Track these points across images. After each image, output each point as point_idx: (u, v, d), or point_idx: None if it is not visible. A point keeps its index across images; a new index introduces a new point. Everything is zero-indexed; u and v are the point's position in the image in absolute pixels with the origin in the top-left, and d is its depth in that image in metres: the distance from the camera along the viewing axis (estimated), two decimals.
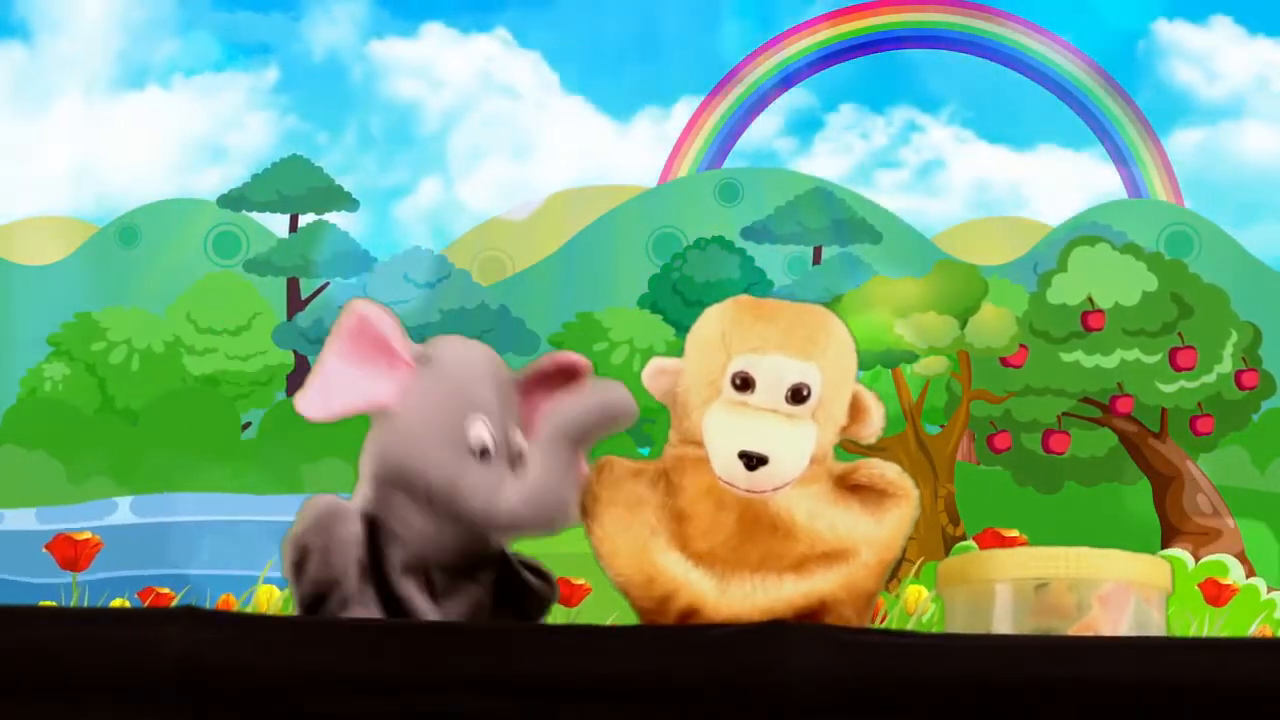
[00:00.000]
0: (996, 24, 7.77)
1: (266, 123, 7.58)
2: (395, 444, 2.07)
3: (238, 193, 7.68)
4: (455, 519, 2.04)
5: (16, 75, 7.44)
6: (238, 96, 7.53)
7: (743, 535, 2.05)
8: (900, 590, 6.59)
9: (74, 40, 7.39)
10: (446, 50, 7.65)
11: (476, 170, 7.67)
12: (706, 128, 7.80)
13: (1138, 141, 7.78)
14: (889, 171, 7.73)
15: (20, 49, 7.46)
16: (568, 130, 7.66)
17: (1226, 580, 6.52)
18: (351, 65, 7.57)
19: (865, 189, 7.70)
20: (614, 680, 1.88)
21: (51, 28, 7.47)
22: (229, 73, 7.53)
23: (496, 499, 2.01)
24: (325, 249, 7.68)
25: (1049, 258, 7.59)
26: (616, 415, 2.04)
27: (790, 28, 7.77)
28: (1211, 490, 7.43)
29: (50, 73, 7.44)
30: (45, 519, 7.10)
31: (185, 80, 7.55)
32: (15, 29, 7.50)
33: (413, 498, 2.06)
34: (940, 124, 7.73)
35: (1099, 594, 2.08)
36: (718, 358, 2.07)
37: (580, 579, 6.18)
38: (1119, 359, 7.49)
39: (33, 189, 7.55)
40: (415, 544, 2.06)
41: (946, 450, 7.49)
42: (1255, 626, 6.56)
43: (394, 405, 2.07)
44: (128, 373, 7.50)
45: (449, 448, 2.04)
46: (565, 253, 7.71)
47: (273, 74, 7.56)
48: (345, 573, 2.05)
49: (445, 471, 2.04)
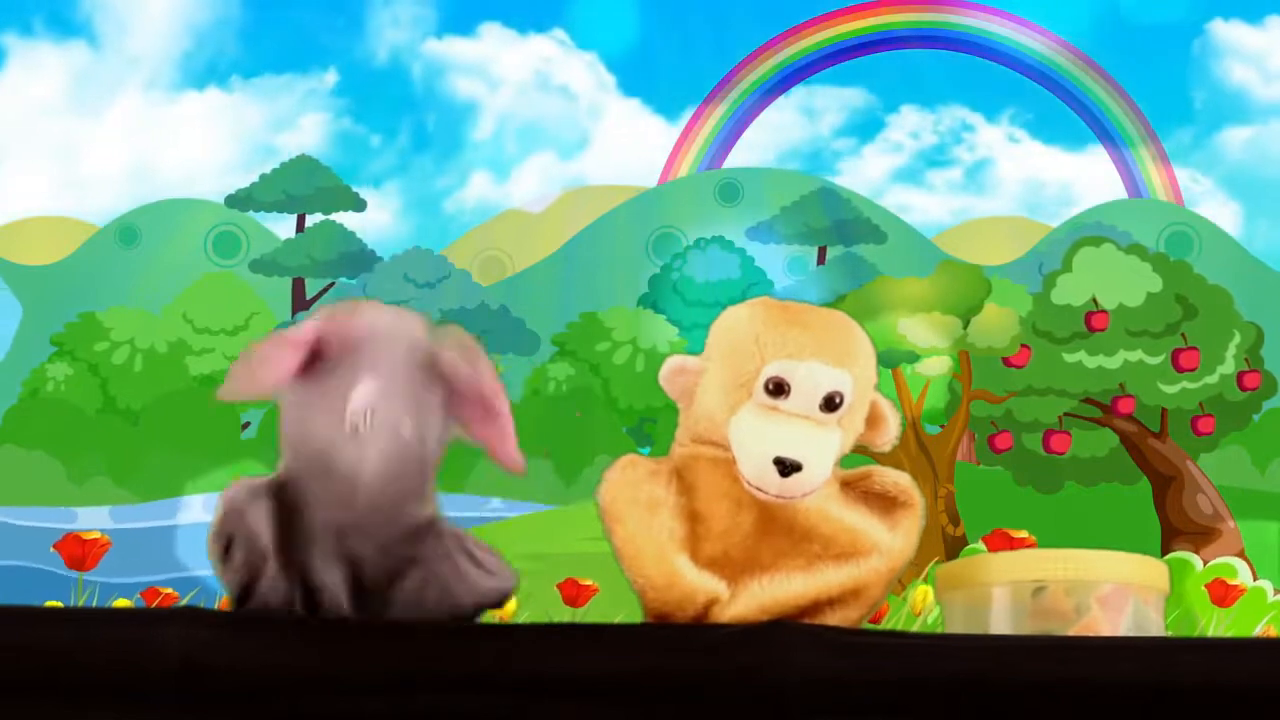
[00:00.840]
0: (997, 23, 7.76)
1: (320, 124, 7.62)
2: (292, 415, 2.10)
3: (245, 193, 7.67)
4: (336, 494, 2.05)
5: (78, 74, 7.49)
6: (294, 98, 7.58)
7: (758, 536, 2.05)
8: (906, 592, 6.60)
9: (137, 39, 7.44)
10: (504, 50, 7.69)
11: (529, 171, 7.72)
12: (706, 128, 7.80)
13: (1138, 141, 7.78)
14: (940, 170, 7.74)
15: (83, 48, 7.51)
16: (623, 132, 7.70)
17: (1234, 581, 6.51)
18: (409, 65, 7.61)
19: (916, 188, 7.71)
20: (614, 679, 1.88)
21: (116, 27, 7.52)
22: (288, 75, 7.59)
23: (360, 466, 2.02)
24: (332, 249, 7.68)
25: (1053, 258, 7.59)
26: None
27: (790, 28, 7.76)
28: (1212, 490, 7.42)
29: (111, 72, 7.49)
30: (119, 518, 7.11)
31: (244, 82, 7.59)
32: (78, 28, 7.54)
33: (308, 467, 2.07)
34: (993, 124, 7.74)
35: (1098, 596, 2.08)
36: (750, 361, 2.05)
37: (588, 579, 6.18)
38: (1122, 359, 7.49)
39: (88, 188, 7.61)
40: (325, 510, 2.08)
41: (946, 450, 7.48)
42: (1260, 628, 6.56)
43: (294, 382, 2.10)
44: (131, 373, 7.50)
45: (332, 418, 2.05)
46: (565, 253, 7.71)
47: (331, 77, 7.61)
48: (266, 554, 2.07)
49: (322, 442, 2.05)
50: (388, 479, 2.00)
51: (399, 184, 7.76)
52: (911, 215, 7.72)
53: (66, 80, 7.55)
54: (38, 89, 7.55)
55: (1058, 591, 2.06)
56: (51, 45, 7.56)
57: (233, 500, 2.07)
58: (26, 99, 7.55)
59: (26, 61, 7.52)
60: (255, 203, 7.66)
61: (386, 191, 7.77)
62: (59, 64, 7.55)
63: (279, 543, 2.03)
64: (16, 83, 7.54)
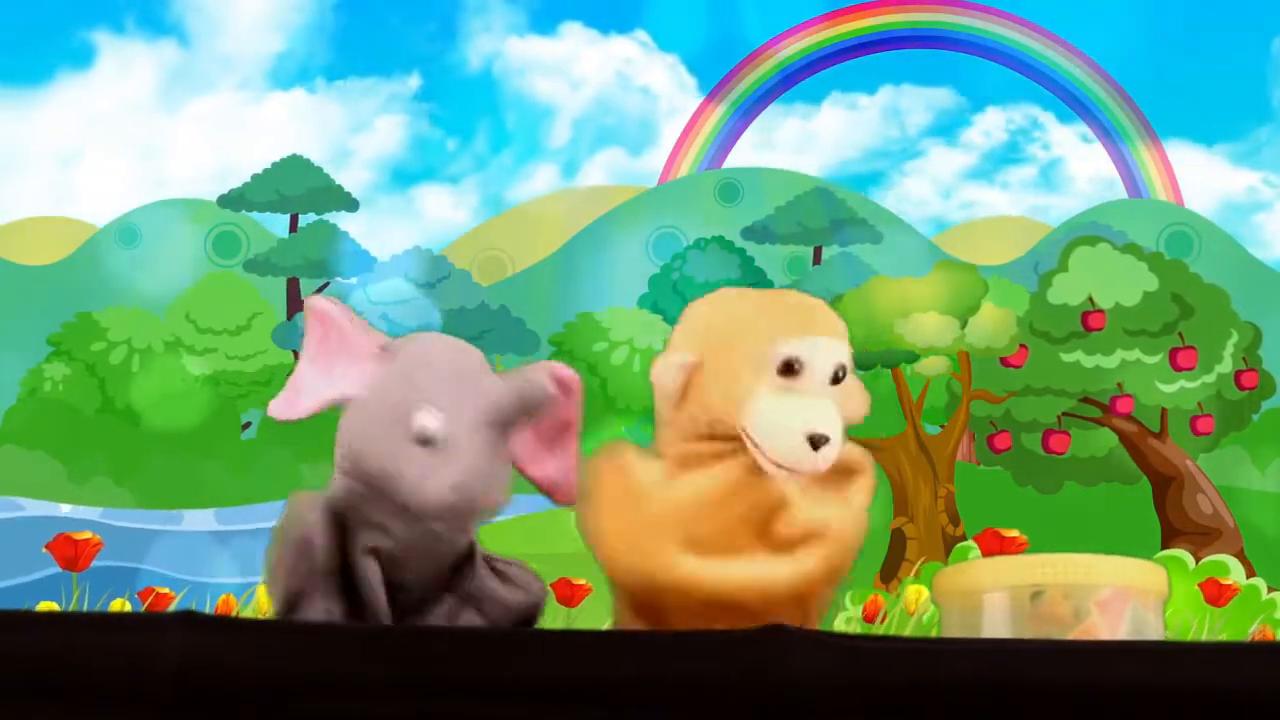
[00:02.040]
0: (997, 24, 7.77)
1: (398, 126, 7.67)
2: (350, 431, 2.10)
3: (238, 193, 7.68)
4: (402, 508, 2.05)
5: (168, 72, 7.54)
6: (375, 101, 7.64)
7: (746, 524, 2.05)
8: (900, 590, 6.60)
9: (228, 40, 7.49)
10: (585, 50, 7.73)
11: (607, 171, 7.76)
12: (706, 127, 7.80)
13: (1138, 141, 7.78)
14: (1014, 168, 7.76)
15: (174, 47, 7.57)
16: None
17: (1227, 580, 6.52)
18: (491, 66, 7.66)
19: (988, 185, 7.73)
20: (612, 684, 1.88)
21: (207, 26, 7.57)
22: (372, 79, 7.64)
23: (426, 484, 2.01)
24: (326, 249, 7.69)
25: (1050, 258, 7.59)
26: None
27: (790, 27, 7.77)
28: (1211, 490, 7.43)
29: (201, 71, 7.54)
30: (224, 519, 7.13)
31: (327, 84, 7.64)
32: (170, 27, 7.59)
33: (367, 486, 2.07)
34: (1065, 124, 7.77)
35: (1097, 600, 2.08)
36: (757, 344, 2.04)
37: (581, 579, 6.18)
38: (1119, 359, 7.49)
39: (172, 186, 7.66)
40: (372, 535, 2.08)
41: (946, 450, 7.49)
42: (1255, 627, 6.56)
43: (356, 396, 2.10)
44: (128, 373, 7.50)
45: (394, 435, 2.05)
46: (565, 253, 7.72)
47: (415, 80, 7.67)
48: (313, 574, 2.07)
49: (386, 458, 2.05)
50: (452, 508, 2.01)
51: (476, 181, 7.81)
52: (979, 211, 7.75)
53: (156, 78, 7.61)
54: (127, 86, 7.59)
55: (1056, 596, 2.06)
56: (143, 44, 7.62)
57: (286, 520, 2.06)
58: (115, 96, 7.59)
59: (117, 59, 7.57)
60: (248, 203, 7.67)
61: (464, 189, 7.83)
62: (149, 62, 7.60)
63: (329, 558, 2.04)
64: (106, 80, 7.59)
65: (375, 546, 2.08)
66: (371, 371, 2.09)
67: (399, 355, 2.10)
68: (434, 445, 2.03)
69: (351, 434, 2.09)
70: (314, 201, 7.69)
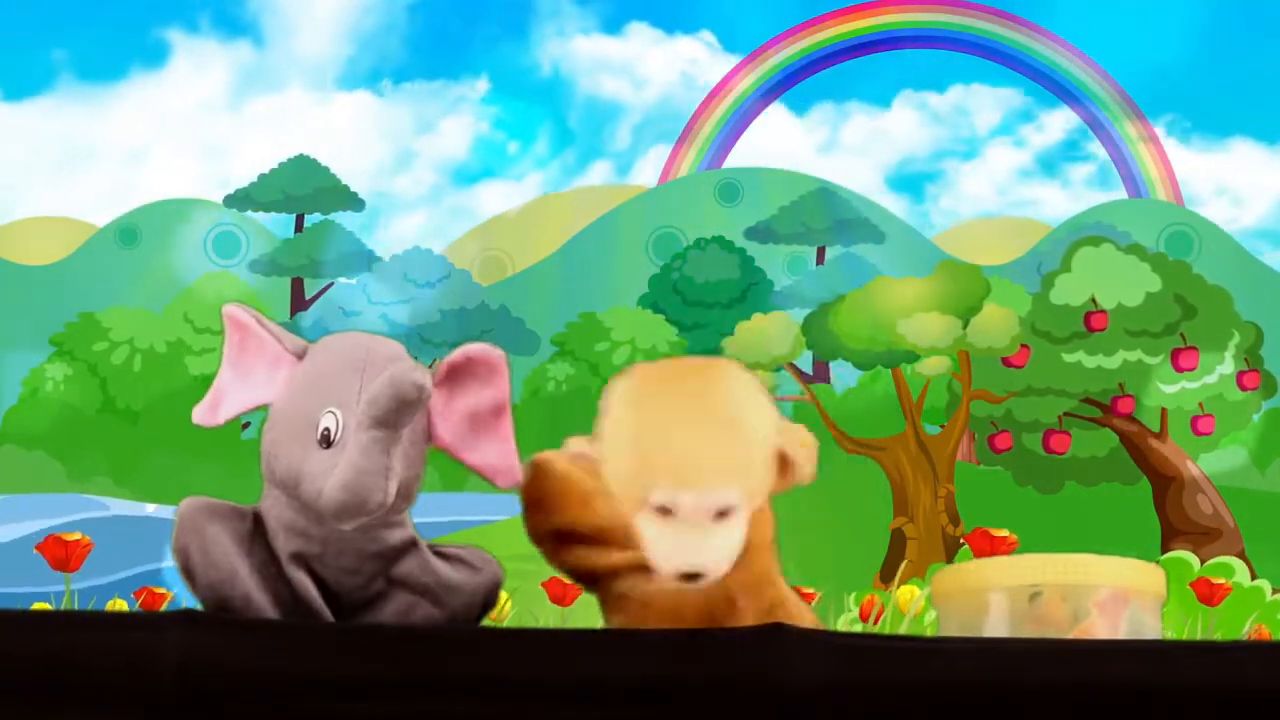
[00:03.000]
0: (997, 24, 7.77)
1: (462, 128, 7.69)
2: (265, 437, 2.10)
3: (244, 192, 7.68)
4: (303, 511, 2.05)
5: (240, 72, 7.56)
6: (441, 103, 7.66)
7: None
8: (893, 589, 6.60)
9: (301, 41, 7.51)
10: (650, 51, 7.75)
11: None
12: (706, 127, 7.80)
13: (1138, 141, 7.78)
14: (1077, 166, 7.76)
15: (247, 47, 7.59)
16: (765, 136, 7.74)
17: (1219, 580, 6.51)
18: (557, 66, 7.68)
19: (1051, 182, 7.73)
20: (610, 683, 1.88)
21: (281, 27, 7.59)
22: (440, 81, 7.66)
23: (318, 484, 2.01)
24: (331, 249, 7.69)
25: (1052, 258, 7.59)
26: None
27: (790, 27, 7.77)
28: (1211, 490, 7.43)
29: (272, 71, 7.57)
30: None
31: (394, 86, 7.66)
32: (245, 27, 7.61)
33: (280, 488, 2.07)
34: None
35: (1096, 601, 2.07)
36: (633, 486, 2.03)
37: None
38: (1121, 359, 7.49)
39: (236, 185, 7.69)
40: (288, 537, 2.07)
41: (946, 450, 7.49)
42: (1250, 626, 6.55)
43: (273, 401, 2.10)
44: (130, 373, 7.50)
45: (300, 438, 2.05)
46: (565, 253, 7.72)
47: (483, 84, 7.70)
48: (233, 570, 2.06)
49: (291, 460, 2.05)
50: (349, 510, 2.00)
51: (538, 181, 7.82)
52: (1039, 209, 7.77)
53: (227, 78, 7.63)
54: (199, 85, 7.61)
55: (1054, 598, 2.05)
56: (217, 43, 7.64)
57: (186, 518, 2.05)
58: (187, 94, 7.61)
59: (191, 58, 7.59)
60: (254, 202, 7.67)
61: (526, 189, 7.84)
62: (223, 62, 7.63)
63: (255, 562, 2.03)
64: (179, 78, 7.61)
65: (298, 551, 2.08)
66: (286, 377, 2.09)
67: (311, 358, 2.10)
68: (334, 446, 2.02)
69: (267, 440, 2.09)
70: (320, 202, 7.69)
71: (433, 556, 2.14)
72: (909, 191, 7.78)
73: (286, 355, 2.12)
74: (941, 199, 7.78)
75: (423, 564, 2.13)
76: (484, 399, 2.13)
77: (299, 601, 2.07)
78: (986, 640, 2.04)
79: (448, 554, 2.16)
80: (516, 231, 7.73)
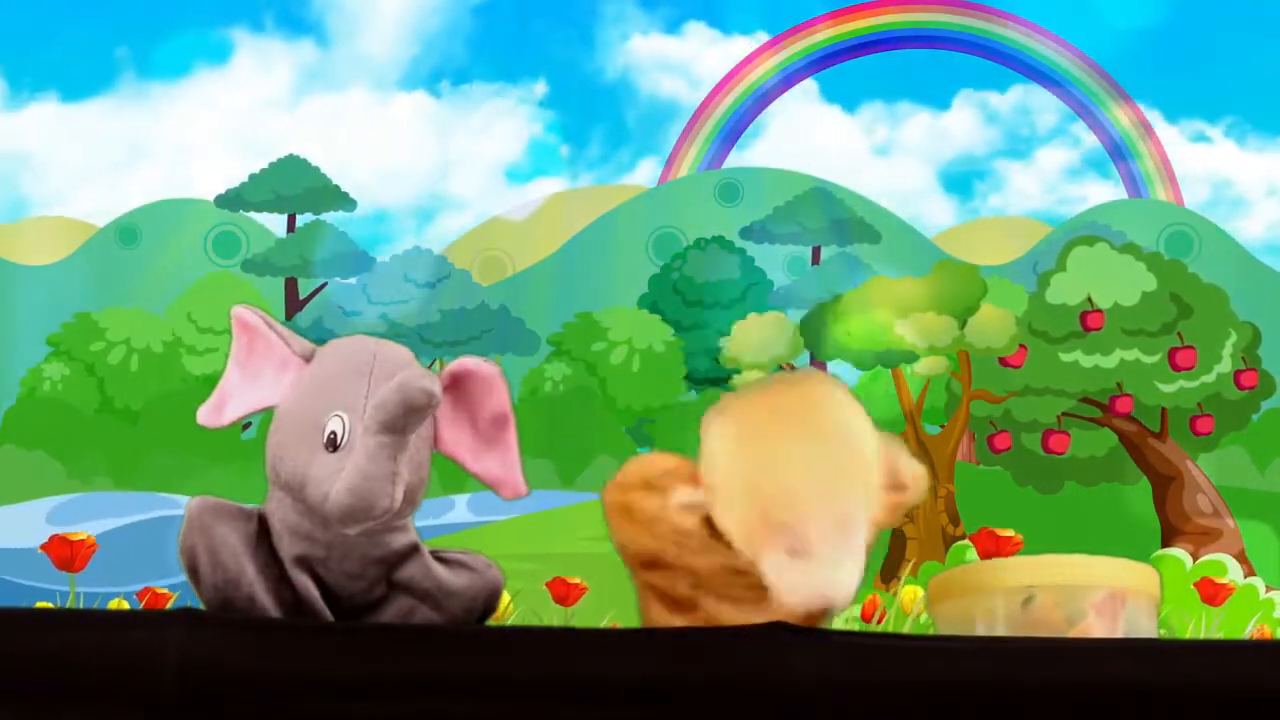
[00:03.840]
0: (997, 24, 7.77)
1: (516, 129, 7.69)
2: (271, 440, 2.11)
3: (235, 193, 7.67)
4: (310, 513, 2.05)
5: (303, 71, 7.57)
6: (497, 105, 7.67)
7: None
8: (898, 590, 6.60)
9: (365, 41, 7.52)
10: (706, 50, 7.75)
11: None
12: (706, 127, 7.80)
13: (1138, 141, 7.78)
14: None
15: (311, 46, 7.60)
16: (821, 139, 7.74)
17: (1223, 579, 6.51)
18: (615, 64, 7.69)
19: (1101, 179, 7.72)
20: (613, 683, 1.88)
21: (346, 27, 7.60)
22: (498, 83, 7.67)
23: (324, 488, 2.02)
24: (323, 249, 7.68)
25: (1048, 258, 7.59)
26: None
27: (790, 28, 7.77)
28: (1211, 490, 7.43)
29: (331, 71, 7.58)
30: None
31: (452, 87, 7.66)
32: (309, 26, 7.62)
33: (285, 491, 2.08)
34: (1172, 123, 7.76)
35: (1093, 602, 2.07)
36: (759, 529, 1.99)
37: (576, 578, 6.17)
38: (1118, 359, 7.49)
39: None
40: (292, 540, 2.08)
41: (946, 450, 7.49)
42: (1253, 626, 6.55)
43: (279, 404, 2.11)
44: (127, 373, 7.50)
45: (306, 442, 2.06)
46: (565, 253, 7.71)
47: (541, 87, 7.70)
48: (240, 571, 2.06)
49: (297, 463, 2.05)
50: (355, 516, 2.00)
51: (591, 180, 7.81)
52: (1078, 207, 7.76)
53: (291, 76, 7.64)
54: (263, 84, 7.62)
55: (1048, 601, 2.04)
56: (281, 42, 7.64)
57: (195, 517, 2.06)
58: (250, 93, 7.62)
59: (255, 56, 7.60)
60: (245, 203, 7.66)
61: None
62: (287, 60, 7.63)
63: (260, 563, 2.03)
64: (242, 76, 7.61)
65: (303, 554, 2.08)
66: (293, 380, 2.10)
67: (319, 361, 2.11)
68: (341, 450, 2.03)
69: (274, 443, 2.10)
70: (311, 201, 7.68)
71: (434, 561, 2.14)
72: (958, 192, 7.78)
73: (294, 358, 2.13)
74: (990, 197, 7.78)
75: (424, 569, 2.14)
76: (487, 408, 2.14)
77: (301, 604, 2.08)
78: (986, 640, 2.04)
79: (448, 558, 2.17)
80: (516, 231, 7.73)
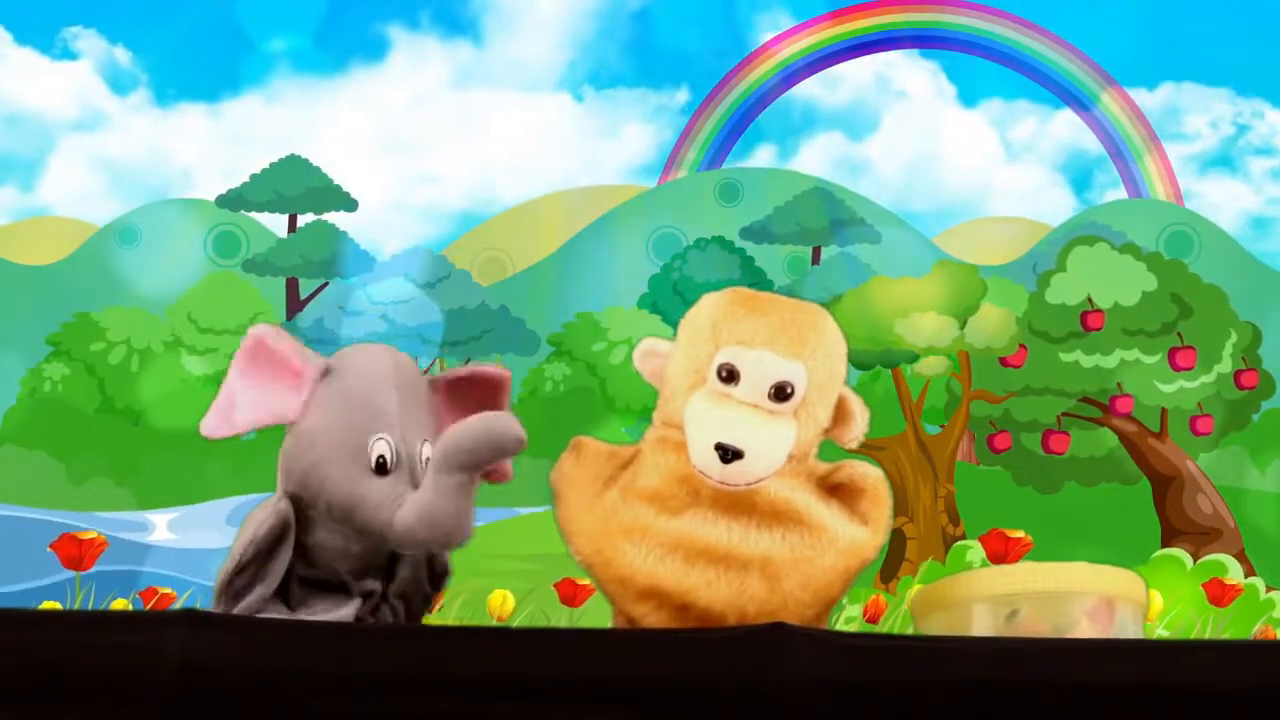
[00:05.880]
0: (997, 24, 7.77)
1: (643, 135, 7.71)
2: (299, 457, 2.10)
3: (236, 193, 7.67)
4: (357, 534, 2.06)
5: (458, 70, 7.59)
6: (636, 111, 7.68)
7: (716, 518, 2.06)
8: (900, 590, 6.60)
9: (520, 43, 7.53)
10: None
11: (862, 178, 7.80)
12: (706, 128, 7.80)
13: (1138, 142, 7.78)
14: (1261, 159, 7.74)
15: (467, 46, 7.62)
16: (958, 145, 7.74)
17: (1230, 581, 6.50)
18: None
19: (1231, 175, 7.71)
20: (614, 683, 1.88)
21: (502, 29, 7.62)
22: (640, 89, 7.68)
23: (393, 516, 2.02)
24: (324, 249, 7.68)
25: (1048, 258, 7.59)
26: (500, 445, 2.05)
27: (790, 27, 7.76)
28: (1211, 490, 7.42)
29: (481, 73, 7.59)
30: None
31: (595, 92, 7.67)
32: (465, 26, 7.63)
33: (315, 511, 2.08)
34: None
35: (1085, 609, 2.07)
36: (706, 346, 2.07)
37: (584, 580, 6.18)
38: (1118, 359, 7.49)
39: (430, 182, 7.70)
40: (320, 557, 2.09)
41: (946, 450, 7.49)
42: (1258, 627, 6.55)
43: (297, 418, 2.10)
44: (127, 373, 7.50)
45: (349, 463, 2.06)
46: (565, 253, 7.71)
47: (682, 93, 7.72)
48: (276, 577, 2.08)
49: (345, 487, 2.06)
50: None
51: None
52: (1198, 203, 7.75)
53: (447, 75, 7.65)
54: (418, 82, 7.63)
55: (1032, 616, 2.03)
56: (437, 41, 7.66)
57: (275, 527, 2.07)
58: (404, 90, 7.64)
59: (410, 55, 7.61)
60: (246, 202, 7.66)
61: None
62: (442, 59, 7.65)
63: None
64: (399, 74, 7.63)
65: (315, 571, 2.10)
66: (312, 395, 2.10)
67: (341, 377, 2.11)
68: (390, 471, 2.04)
69: (306, 462, 2.10)
70: (313, 201, 7.68)
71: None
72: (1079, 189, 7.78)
73: (309, 372, 2.13)
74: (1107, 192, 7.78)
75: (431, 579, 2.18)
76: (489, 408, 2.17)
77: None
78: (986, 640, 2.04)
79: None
80: (516, 231, 7.73)
